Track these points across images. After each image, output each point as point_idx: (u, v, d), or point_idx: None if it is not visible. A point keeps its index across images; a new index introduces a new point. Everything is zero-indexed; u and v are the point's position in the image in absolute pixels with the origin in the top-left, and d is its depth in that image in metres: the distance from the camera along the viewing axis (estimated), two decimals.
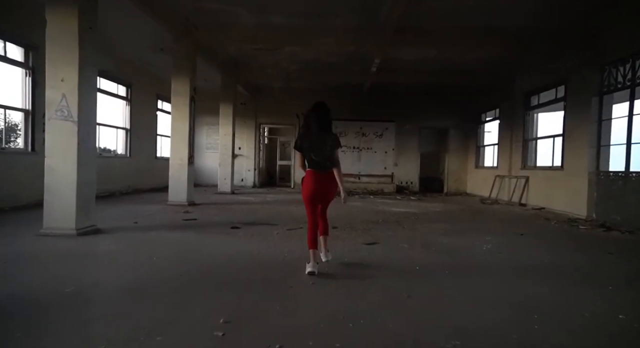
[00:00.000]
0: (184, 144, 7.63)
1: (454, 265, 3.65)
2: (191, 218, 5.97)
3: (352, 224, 5.90)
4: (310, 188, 3.30)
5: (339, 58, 9.91)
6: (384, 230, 5.43)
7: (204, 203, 8.15)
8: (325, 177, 3.32)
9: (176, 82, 7.56)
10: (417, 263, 3.64)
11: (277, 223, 5.76)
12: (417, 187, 13.87)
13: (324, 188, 3.33)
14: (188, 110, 7.60)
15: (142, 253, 3.74)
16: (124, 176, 9.73)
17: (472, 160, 13.42)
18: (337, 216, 6.53)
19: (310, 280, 3.04)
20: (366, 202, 9.60)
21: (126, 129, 9.98)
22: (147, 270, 3.24)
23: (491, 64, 9.83)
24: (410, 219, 6.71)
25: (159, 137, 11.79)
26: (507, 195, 10.34)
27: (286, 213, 6.95)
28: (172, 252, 3.88)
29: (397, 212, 7.75)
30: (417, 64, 10.11)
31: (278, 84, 13.09)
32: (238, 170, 13.76)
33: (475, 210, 8.46)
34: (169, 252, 3.84)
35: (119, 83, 9.58)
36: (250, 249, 4.01)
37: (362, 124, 13.62)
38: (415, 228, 5.70)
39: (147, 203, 7.75)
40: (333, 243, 4.27)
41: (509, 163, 10.49)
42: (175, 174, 7.62)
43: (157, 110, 11.68)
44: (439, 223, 6.35)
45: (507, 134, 10.61)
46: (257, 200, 9.35)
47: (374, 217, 6.79)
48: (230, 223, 5.58)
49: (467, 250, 4.34)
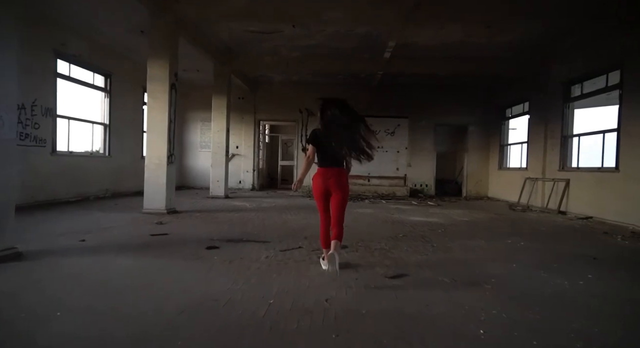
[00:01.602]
0: (162, 140, 6.38)
1: (551, 331, 2.32)
2: (161, 233, 4.69)
3: (365, 241, 4.60)
4: (322, 185, 3.18)
5: (347, 43, 8.61)
6: (409, 252, 4.12)
7: (188, 210, 6.89)
8: (337, 174, 3.18)
9: (153, 65, 6.31)
10: (478, 322, 2.32)
11: (269, 240, 4.47)
12: (432, 190, 12.52)
13: (337, 186, 3.15)
14: (167, 100, 6.35)
15: (43, 303, 2.42)
16: (101, 178, 8.50)
17: (494, 160, 12.03)
18: (347, 229, 5.22)
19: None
20: (378, 209, 8.28)
21: (104, 124, 8.75)
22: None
23: (523, 49, 8.48)
24: (438, 233, 5.39)
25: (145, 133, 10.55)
26: (541, 200, 8.96)
27: (283, 225, 5.66)
28: (94, 296, 2.57)
29: (417, 222, 6.42)
30: (436, 50, 8.79)
31: (279, 77, 11.84)
32: (235, 172, 12.53)
33: (509, 220, 7.11)
34: (87, 301, 2.49)
35: (95, 71, 8.35)
36: (218, 291, 2.69)
37: (372, 120, 12.14)
38: (449, 248, 4.38)
39: (118, 211, 6.50)
40: (344, 274, 3.04)
41: (542, 163, 9.11)
42: (152, 177, 6.36)
43: (144, 104, 10.44)
44: (476, 239, 5.01)
45: (540, 130, 9.22)
46: (252, 206, 8.08)
47: (391, 230, 5.48)
48: (208, 241, 4.31)
49: (544, 291, 2.99)
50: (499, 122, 11.73)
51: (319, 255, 3.75)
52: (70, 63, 7.57)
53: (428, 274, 3.28)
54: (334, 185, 3.16)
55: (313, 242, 4.41)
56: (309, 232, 5.03)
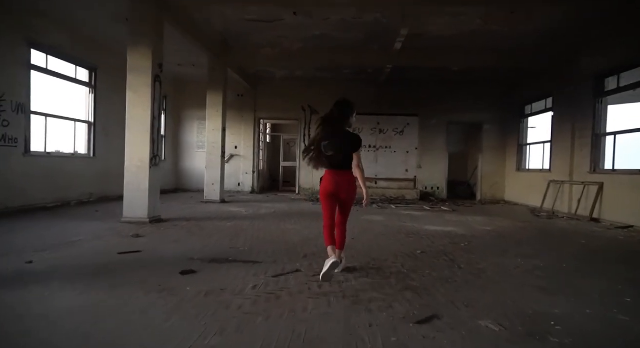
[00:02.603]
0: (144, 139, 5.63)
1: None
2: (132, 250, 3.92)
3: (378, 261, 3.80)
4: (326, 187, 3.25)
5: (354, 33, 7.82)
6: (433, 278, 3.31)
7: (175, 218, 6.13)
8: (340, 177, 3.24)
9: (133, 54, 5.58)
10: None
11: (261, 260, 3.69)
12: (444, 193, 11.66)
13: (340, 188, 3.22)
14: (150, 94, 5.60)
15: None
16: (85, 181, 7.76)
17: (512, 161, 11.16)
18: (356, 242, 4.44)
19: None
20: (389, 215, 7.47)
21: (89, 123, 8.02)
22: None
23: (549, 38, 7.62)
24: (461, 248, 4.57)
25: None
26: (568, 205, 8.10)
27: (280, 238, 4.87)
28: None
29: (434, 232, 5.61)
30: (452, 40, 7.97)
31: (280, 72, 11.06)
32: (234, 173, 11.79)
33: (538, 229, 6.27)
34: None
35: (77, 64, 7.62)
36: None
37: (380, 118, 11.48)
38: (481, 271, 3.56)
39: (95, 220, 5.76)
40: (355, 317, 2.22)
41: (569, 165, 8.25)
42: (132, 181, 5.61)
43: None
44: (510, 256, 4.19)
45: (566, 128, 8.36)
46: (249, 212, 7.30)
47: (406, 244, 4.67)
48: (186, 261, 3.54)
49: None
50: (517, 120, 10.86)
51: (319, 283, 2.98)
52: (48, 54, 6.84)
53: (464, 315, 2.48)
54: (340, 190, 3.23)
55: (315, 262, 3.63)
56: (310, 248, 4.24)
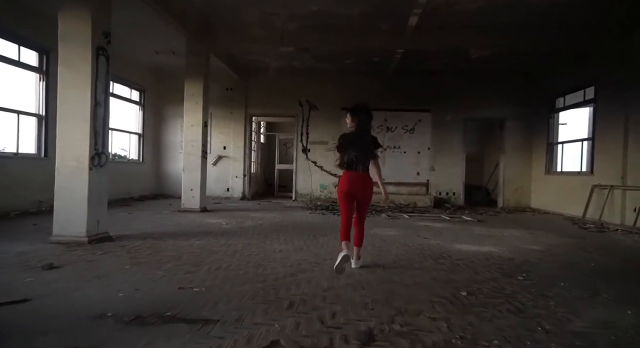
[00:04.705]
0: (82, 132, 4.21)
1: None
2: (15, 299, 2.47)
3: (404, 314, 2.35)
4: (343, 188, 3.34)
5: (360, 7, 6.46)
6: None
7: (129, 235, 4.70)
8: (358, 177, 3.33)
9: (65, 16, 4.16)
10: None
11: (216, 317, 2.25)
12: (461, 199, 10.22)
13: (357, 189, 3.32)
14: (90, 71, 4.19)
15: None
16: (33, 187, 6.34)
17: (539, 163, 9.72)
18: (368, 276, 3.00)
19: None
20: (403, 228, 6.03)
21: (39, 116, 6.63)
22: None
23: (596, 11, 6.23)
24: (521, 283, 3.13)
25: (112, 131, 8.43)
26: (620, 215, 6.67)
27: (258, 268, 3.42)
28: None
29: (471, 254, 4.17)
30: (477, 14, 6.58)
31: (275, 63, 9.68)
32: (222, 177, 10.40)
33: (601, 248, 4.81)
34: None
35: (22, 45, 6.24)
36: None
37: (387, 114, 10.07)
38: (578, 336, 2.13)
39: (19, 239, 4.31)
40: None
41: (621, 167, 6.81)
42: (65, 186, 4.18)
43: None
44: (606, 303, 2.75)
45: (615, 122, 6.94)
46: (230, 225, 5.88)
47: (440, 279, 3.22)
48: (91, 321, 2.12)
49: None
50: (546, 115, 9.44)
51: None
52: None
53: None
54: (357, 190, 3.33)
55: (306, 318, 2.20)
56: (300, 289, 2.81)
